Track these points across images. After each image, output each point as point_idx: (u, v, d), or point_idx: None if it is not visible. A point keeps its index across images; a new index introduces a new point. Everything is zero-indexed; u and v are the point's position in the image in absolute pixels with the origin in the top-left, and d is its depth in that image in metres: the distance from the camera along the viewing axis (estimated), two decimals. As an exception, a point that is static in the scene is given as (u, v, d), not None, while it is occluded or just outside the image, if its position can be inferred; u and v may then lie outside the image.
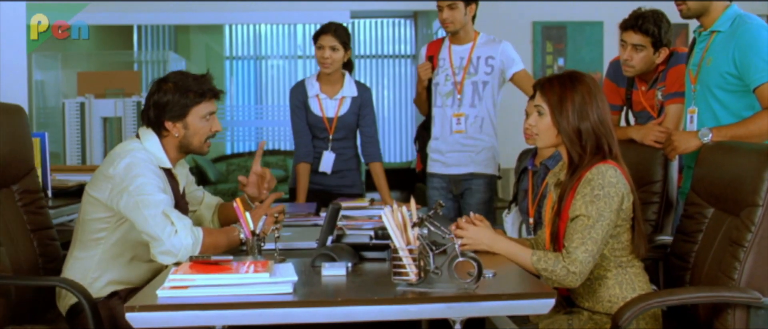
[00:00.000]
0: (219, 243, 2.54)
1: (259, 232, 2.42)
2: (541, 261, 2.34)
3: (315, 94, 4.09)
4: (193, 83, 2.71)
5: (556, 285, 2.34)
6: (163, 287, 1.95)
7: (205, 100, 2.72)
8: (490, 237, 2.46)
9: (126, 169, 2.58)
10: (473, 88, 4.01)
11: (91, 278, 2.66)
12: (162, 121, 2.69)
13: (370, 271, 2.28)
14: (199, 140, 2.73)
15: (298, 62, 11.36)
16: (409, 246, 1.97)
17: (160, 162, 2.70)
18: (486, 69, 4.01)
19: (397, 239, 1.98)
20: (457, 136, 4.04)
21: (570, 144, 2.44)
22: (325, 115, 4.08)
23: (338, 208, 2.46)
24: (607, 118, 2.46)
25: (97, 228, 2.67)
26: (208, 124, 2.74)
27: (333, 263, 2.23)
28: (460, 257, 1.94)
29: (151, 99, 2.71)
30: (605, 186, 2.35)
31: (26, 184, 2.87)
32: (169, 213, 2.48)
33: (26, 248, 2.80)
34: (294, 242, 2.67)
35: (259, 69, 11.46)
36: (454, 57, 4.06)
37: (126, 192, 2.54)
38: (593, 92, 2.44)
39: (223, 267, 2.08)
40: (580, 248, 2.31)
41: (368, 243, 2.41)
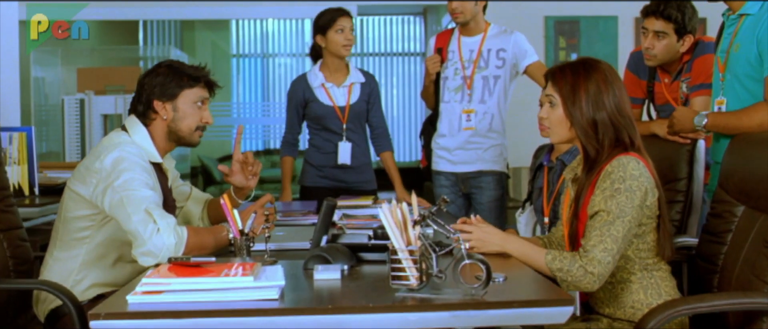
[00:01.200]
0: (205, 244, 2.34)
1: (247, 232, 2.23)
2: (556, 261, 2.12)
3: (320, 83, 3.92)
4: (189, 68, 2.59)
5: (573, 288, 2.13)
6: (134, 292, 1.75)
7: (199, 86, 2.57)
8: (500, 236, 2.25)
9: (113, 164, 2.39)
10: (483, 82, 3.80)
11: (74, 280, 2.46)
12: (151, 101, 2.53)
13: (368, 274, 2.07)
14: (189, 126, 2.56)
15: (306, 60, 11.18)
16: (410, 247, 1.76)
17: (150, 156, 2.52)
18: (497, 62, 3.81)
19: (396, 239, 1.77)
20: (466, 133, 3.84)
21: (585, 137, 2.23)
22: (335, 103, 3.92)
23: (333, 205, 2.25)
24: (626, 108, 2.25)
25: (80, 227, 2.48)
26: (199, 112, 2.57)
27: (327, 266, 2.02)
28: (467, 259, 1.73)
29: (143, 80, 2.56)
30: (626, 179, 2.13)
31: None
32: (151, 210, 2.29)
33: (-3, 250, 2.60)
34: (287, 242, 2.47)
35: (266, 67, 11.29)
36: (463, 50, 3.86)
37: (111, 187, 2.36)
38: (609, 80, 2.24)
39: (204, 269, 1.88)
40: (599, 246, 2.10)
41: (366, 244, 2.20)
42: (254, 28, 11.25)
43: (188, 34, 10.82)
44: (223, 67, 11.16)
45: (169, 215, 2.32)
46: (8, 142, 3.46)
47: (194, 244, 2.29)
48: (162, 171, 2.59)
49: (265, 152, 10.99)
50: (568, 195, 2.38)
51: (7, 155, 3.46)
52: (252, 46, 11.30)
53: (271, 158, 10.86)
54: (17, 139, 3.52)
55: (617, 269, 2.20)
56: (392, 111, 11.10)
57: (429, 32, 10.82)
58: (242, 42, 11.30)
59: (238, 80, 11.22)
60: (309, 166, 4.05)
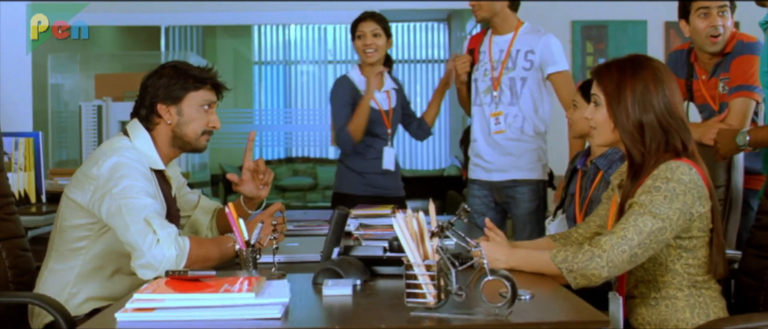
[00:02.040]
0: (209, 256, 2.19)
1: (254, 243, 2.07)
2: (561, 253, 1.95)
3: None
4: (194, 69, 2.43)
5: (581, 280, 1.92)
6: (124, 308, 1.60)
7: (205, 88, 2.42)
8: (505, 251, 2.06)
9: (111, 170, 2.25)
10: (510, 84, 3.61)
11: (69, 293, 2.32)
12: (155, 104, 2.38)
13: (382, 290, 1.90)
14: (194, 130, 2.41)
15: (328, 67, 11.06)
16: (427, 262, 1.60)
17: (152, 162, 2.37)
18: (525, 64, 3.60)
19: (411, 252, 1.60)
20: (497, 137, 3.64)
21: (630, 141, 2.05)
22: (381, 108, 3.78)
23: (345, 215, 2.09)
24: (678, 110, 2.06)
25: (77, 237, 2.33)
26: (205, 116, 2.42)
27: (337, 280, 1.86)
28: (489, 275, 1.56)
29: (146, 82, 2.42)
30: (672, 180, 1.95)
31: None
32: (151, 219, 2.14)
33: (-8, 259, 2.46)
34: (298, 254, 2.31)
35: (289, 74, 11.18)
36: (493, 49, 3.66)
37: (109, 195, 2.21)
38: (660, 79, 2.05)
39: (203, 284, 1.72)
40: (618, 233, 1.92)
41: (381, 257, 2.03)
42: (276, 34, 11.14)
43: (210, 40, 10.73)
44: (245, 74, 11.07)
45: (170, 225, 2.18)
46: (14, 148, 3.33)
47: (197, 256, 2.14)
48: (165, 179, 2.44)
49: (286, 160, 10.87)
50: (614, 203, 2.20)
51: (13, 161, 3.33)
52: (274, 53, 11.20)
53: (293, 166, 10.74)
54: (24, 145, 3.38)
55: (663, 284, 2.02)
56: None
57: (453, 38, 10.64)
58: (264, 49, 11.20)
59: (260, 87, 11.11)
60: (350, 172, 3.87)
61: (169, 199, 2.42)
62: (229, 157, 10.56)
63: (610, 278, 1.97)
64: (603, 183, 2.85)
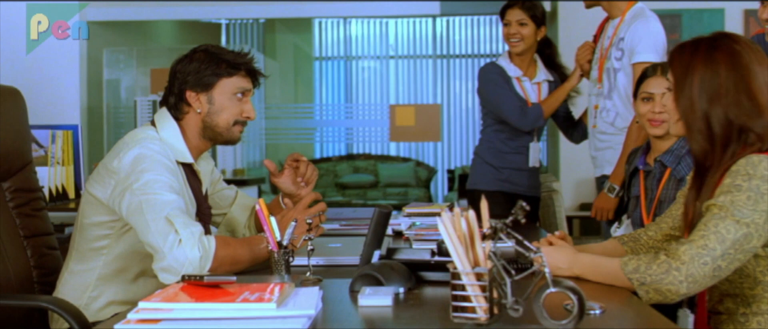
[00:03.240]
0: (238, 257, 1.98)
1: (286, 243, 1.85)
2: (632, 262, 1.67)
3: (517, 75, 3.54)
4: (228, 54, 2.21)
5: (654, 295, 1.65)
6: (126, 320, 1.39)
7: (239, 75, 2.21)
8: (568, 256, 1.79)
9: (133, 163, 2.05)
10: (606, 74, 3.32)
11: (89, 297, 2.14)
12: (184, 92, 2.18)
13: (429, 300, 1.65)
14: (226, 120, 2.20)
15: (389, 62, 10.85)
16: (477, 269, 1.34)
17: (179, 155, 2.17)
18: (616, 53, 3.25)
19: (458, 258, 1.35)
20: (593, 131, 3.36)
21: (693, 133, 1.77)
22: (529, 100, 3.53)
23: (387, 213, 1.84)
24: (762, 98, 1.75)
25: (98, 236, 2.14)
26: (238, 105, 2.21)
27: (377, 288, 1.62)
28: (552, 287, 1.30)
29: (175, 66, 2.21)
30: (754, 178, 1.65)
31: (20, 182, 2.35)
32: (173, 217, 1.93)
33: (18, 258, 2.27)
34: (338, 256, 2.08)
35: (349, 69, 11.00)
36: (605, 35, 3.36)
37: (129, 190, 2.02)
38: (742, 61, 1.74)
39: (221, 291, 1.50)
40: (698, 242, 1.63)
41: (428, 261, 1.78)
42: (337, 30, 10.97)
43: (270, 36, 10.61)
44: (306, 70, 10.93)
45: (195, 223, 1.97)
46: (50, 141, 3.17)
47: (224, 258, 1.93)
48: (194, 174, 2.24)
49: (347, 157, 10.70)
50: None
51: (49, 155, 3.18)
52: (334, 49, 11.03)
53: (354, 163, 10.56)
54: (61, 138, 3.22)
55: (752, 299, 1.73)
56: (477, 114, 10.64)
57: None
58: (325, 44, 11.04)
59: (321, 83, 10.96)
60: (485, 166, 3.63)
61: (198, 196, 2.22)
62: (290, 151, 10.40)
63: (689, 294, 1.69)
64: (672, 182, 2.57)
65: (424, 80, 10.81)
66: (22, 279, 2.27)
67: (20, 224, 2.33)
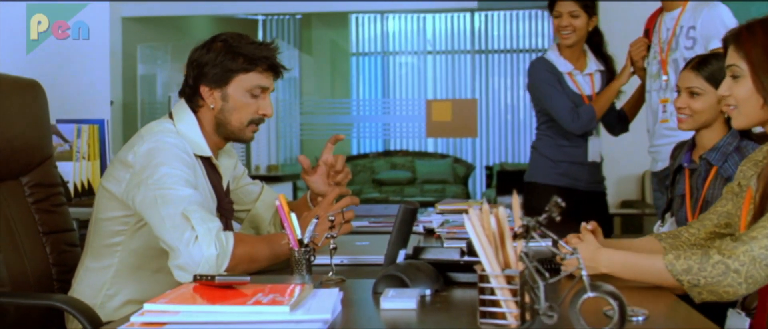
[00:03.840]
0: (257, 255, 1.88)
1: (308, 241, 1.74)
2: (681, 260, 1.54)
3: (568, 70, 3.43)
4: (247, 47, 2.07)
5: (707, 295, 1.52)
6: (130, 322, 1.30)
7: (257, 70, 2.07)
8: (595, 253, 1.63)
9: (147, 156, 1.96)
10: (674, 66, 3.17)
11: (105, 295, 2.05)
12: (198, 85, 2.08)
13: (457, 303, 1.54)
14: (240, 120, 2.09)
15: (427, 58, 10.72)
16: (508, 272, 1.23)
17: (197, 148, 2.07)
18: (686, 43, 3.11)
19: (486, 259, 1.24)
20: (661, 126, 3.20)
21: None
22: (583, 93, 3.43)
23: (413, 210, 1.73)
24: None
25: (113, 231, 2.06)
26: (253, 103, 2.09)
27: (401, 290, 1.51)
28: (590, 292, 1.18)
29: (193, 55, 2.10)
30: None
31: (40, 176, 2.29)
32: (189, 213, 1.84)
33: (36, 255, 2.21)
34: (363, 255, 1.97)
35: (387, 65, 10.90)
36: (662, 28, 3.22)
37: (144, 184, 1.93)
38: None
39: (232, 293, 1.41)
40: (760, 241, 1.50)
41: (458, 261, 1.67)
42: (374, 25, 10.87)
43: (306, 32, 10.55)
44: (343, 65, 10.86)
45: (212, 219, 1.87)
46: (76, 135, 3.11)
47: (242, 256, 1.84)
48: (213, 168, 2.14)
49: (384, 154, 10.60)
50: (748, 198, 1.77)
51: (74, 149, 3.11)
52: (371, 44, 10.93)
53: (391, 159, 10.46)
54: (87, 132, 3.16)
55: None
56: (519, 111, 10.49)
57: (557, 26, 10.11)
58: (362, 40, 10.95)
59: (358, 79, 10.87)
60: (543, 159, 3.54)
61: (219, 192, 2.13)
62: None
63: (748, 294, 1.56)
64: (719, 181, 2.42)
65: (462, 76, 10.67)
66: (41, 277, 2.20)
67: (39, 220, 2.27)
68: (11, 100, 2.24)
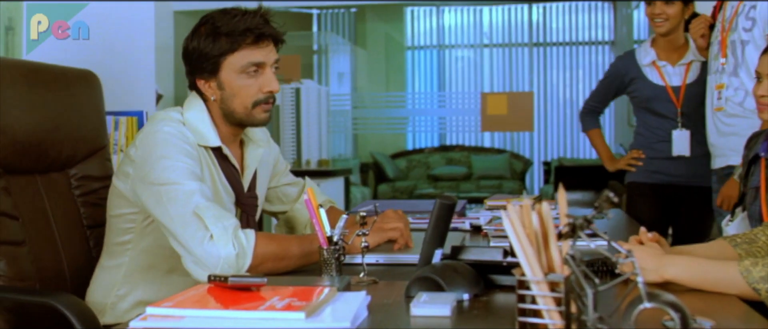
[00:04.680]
0: (285, 255, 1.74)
1: (338, 239, 1.61)
2: (757, 268, 1.38)
3: (650, 61, 3.34)
4: (229, 23, 1.85)
5: None
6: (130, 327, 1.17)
7: (245, 46, 1.86)
8: (655, 259, 1.48)
9: (147, 148, 1.84)
10: (731, 48, 2.97)
11: (116, 296, 1.94)
12: (194, 79, 1.93)
13: (499, 309, 1.38)
14: (242, 104, 1.91)
15: (484, 51, 10.51)
16: (551, 277, 1.07)
17: (202, 138, 1.90)
18: (745, 24, 2.92)
19: (527, 262, 1.08)
20: (717, 114, 3.02)
21: None
22: (668, 83, 3.30)
23: (451, 205, 1.57)
24: None
25: (123, 229, 1.95)
26: (253, 82, 1.89)
27: (436, 294, 1.36)
28: (646, 302, 1.02)
29: (183, 46, 1.94)
30: None
31: (88, 168, 2.21)
32: (202, 211, 1.70)
33: (76, 249, 2.12)
34: (400, 254, 1.82)
35: (443, 59, 10.73)
36: (728, 5, 3.03)
37: (147, 180, 1.81)
38: None
39: (248, 295, 1.27)
40: None
41: (500, 262, 1.51)
42: (429, 18, 10.71)
43: (361, 25, 10.43)
44: (398, 59, 10.71)
45: (227, 215, 1.73)
46: (113, 127, 3.02)
47: (266, 255, 1.70)
48: (226, 160, 1.97)
49: (440, 148, 10.45)
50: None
51: (112, 141, 3.03)
52: (427, 38, 10.77)
53: (447, 155, 10.30)
54: (125, 124, 3.07)
55: None
56: (578, 104, 10.22)
57: (618, 18, 9.81)
58: (417, 33, 10.79)
59: (414, 73, 10.72)
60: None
61: (236, 185, 1.98)
62: (381, 144, 10.22)
63: None
64: None
65: (520, 69, 10.45)
66: (80, 272, 2.10)
67: (84, 213, 2.19)
68: (67, 90, 2.18)
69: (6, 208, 1.94)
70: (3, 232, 1.91)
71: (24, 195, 2.02)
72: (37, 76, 2.13)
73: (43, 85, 2.13)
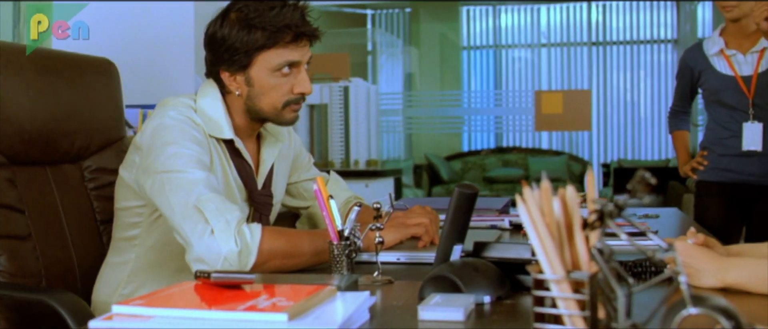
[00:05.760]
0: (294, 251, 1.59)
1: (349, 234, 1.45)
2: None
3: (718, 50, 3.16)
4: (266, 16, 1.71)
5: None
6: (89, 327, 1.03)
7: (282, 44, 1.72)
8: (714, 262, 1.30)
9: (154, 135, 1.70)
10: None
11: (120, 295, 1.81)
12: (217, 70, 1.78)
13: (524, 313, 1.20)
14: (272, 104, 1.77)
15: (541, 51, 10.25)
16: (575, 275, 0.89)
17: (215, 129, 1.76)
18: None
19: (545, 257, 0.90)
20: None
21: None
22: (737, 73, 3.10)
23: (471, 195, 1.39)
24: None
25: (129, 223, 1.82)
26: (285, 82, 1.76)
27: (451, 296, 1.19)
28: (691, 307, 0.83)
29: (206, 34, 1.79)
30: None
31: (103, 160, 2.09)
32: (202, 204, 1.56)
33: (88, 244, 1.99)
34: (420, 252, 1.65)
35: (499, 60, 10.50)
36: None
37: (151, 168, 1.68)
38: None
39: (232, 294, 1.12)
40: None
41: (528, 260, 1.33)
42: (485, 18, 10.49)
43: (415, 26, 10.27)
44: (453, 60, 10.52)
45: (231, 209, 1.58)
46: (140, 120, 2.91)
47: (273, 252, 1.55)
48: (239, 155, 1.83)
49: (496, 150, 10.22)
50: None
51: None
52: (483, 38, 10.55)
53: (503, 156, 10.06)
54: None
55: None
56: (640, 104, 9.91)
57: (681, 15, 9.46)
58: (473, 33, 10.58)
59: (469, 73, 10.51)
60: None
61: (249, 181, 1.84)
62: (436, 146, 10.04)
63: None
64: None
65: (579, 69, 10.17)
66: (91, 268, 1.97)
67: (97, 207, 2.06)
68: (81, 78, 2.07)
69: (10, 201, 1.82)
70: (6, 225, 1.80)
71: (31, 188, 1.90)
72: (48, 63, 2.02)
73: (55, 73, 2.02)
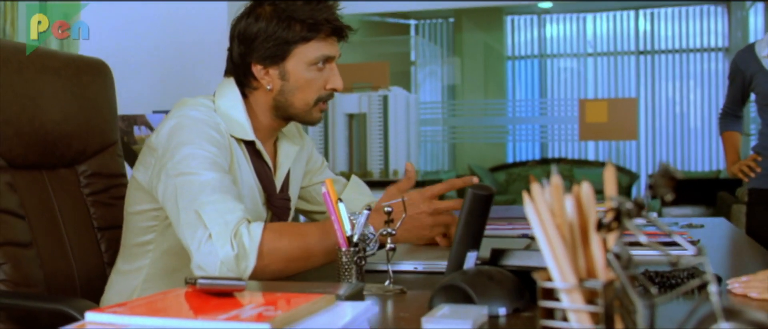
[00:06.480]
0: (300, 251, 1.49)
1: (358, 239, 1.35)
2: None
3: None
4: (303, 9, 1.68)
5: None
6: (59, 340, 0.94)
7: (319, 38, 1.69)
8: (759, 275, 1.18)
9: (169, 135, 1.63)
10: None
11: None
12: (249, 63, 1.71)
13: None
14: (304, 100, 1.71)
15: (588, 60, 10.05)
16: (588, 283, 0.78)
17: (237, 130, 1.70)
18: None
19: (554, 264, 0.79)
20: None
21: None
22: None
23: (487, 197, 1.28)
24: None
25: (142, 228, 1.75)
26: (320, 77, 1.71)
27: (461, 308, 1.08)
28: (723, 323, 0.71)
29: (236, 28, 1.73)
30: None
31: (98, 165, 2.03)
32: (203, 206, 1.48)
33: (86, 252, 1.93)
34: (437, 260, 1.54)
35: (544, 69, 10.34)
36: None
37: (164, 170, 1.60)
38: None
39: (221, 301, 1.03)
40: None
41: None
42: (530, 27, 10.34)
43: (459, 35, 10.17)
44: (497, 70, 10.38)
45: (233, 208, 1.49)
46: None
47: (277, 253, 1.46)
48: (259, 157, 1.77)
49: (541, 161, 10.05)
50: None
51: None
52: (528, 47, 10.39)
53: (548, 168, 9.89)
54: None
55: None
56: (689, 114, 9.65)
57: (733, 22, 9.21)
58: (517, 43, 10.43)
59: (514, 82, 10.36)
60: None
61: (268, 185, 1.76)
62: (479, 156, 9.90)
63: None
64: None
65: (626, 78, 9.97)
66: (90, 277, 1.92)
67: (94, 213, 2.00)
68: (72, 80, 1.99)
69: (11, 206, 1.76)
70: (8, 232, 1.73)
71: (31, 193, 1.84)
72: (45, 62, 1.93)
73: (52, 72, 1.94)
